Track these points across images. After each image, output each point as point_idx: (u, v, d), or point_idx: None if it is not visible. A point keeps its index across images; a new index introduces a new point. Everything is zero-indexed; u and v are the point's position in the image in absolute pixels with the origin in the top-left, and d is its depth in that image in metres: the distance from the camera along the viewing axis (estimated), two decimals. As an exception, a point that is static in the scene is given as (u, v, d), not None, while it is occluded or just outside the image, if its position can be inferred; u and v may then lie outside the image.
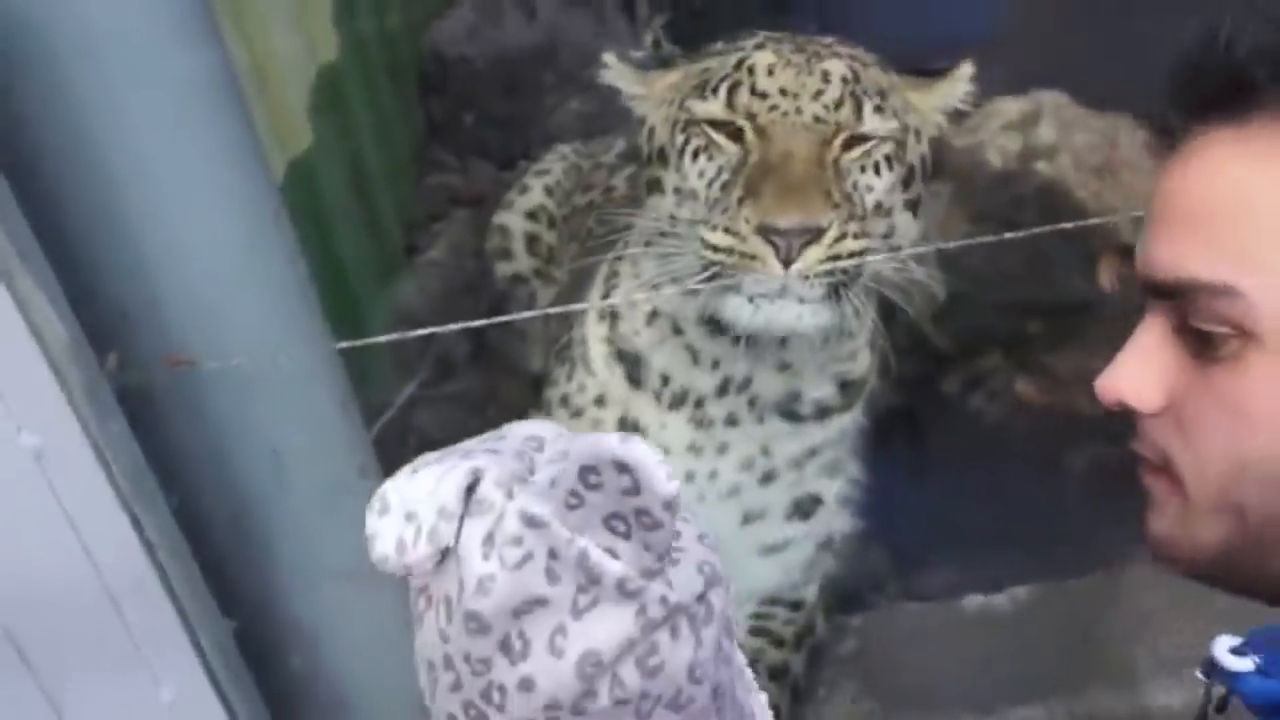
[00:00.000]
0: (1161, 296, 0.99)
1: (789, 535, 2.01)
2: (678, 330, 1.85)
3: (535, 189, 2.83)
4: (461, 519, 0.97)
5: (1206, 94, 0.95)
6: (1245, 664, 0.95)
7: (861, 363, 1.98)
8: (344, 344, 1.63)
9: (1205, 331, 0.95)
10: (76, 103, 1.34)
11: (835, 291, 1.60)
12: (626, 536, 0.94)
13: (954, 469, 2.59)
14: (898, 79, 1.77)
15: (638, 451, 0.93)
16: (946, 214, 3.05)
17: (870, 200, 1.66)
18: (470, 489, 0.99)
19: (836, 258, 1.57)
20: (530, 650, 0.93)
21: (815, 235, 1.55)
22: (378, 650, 1.75)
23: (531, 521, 0.92)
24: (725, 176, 1.65)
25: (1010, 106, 3.19)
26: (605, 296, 1.98)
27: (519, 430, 1.07)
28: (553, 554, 0.92)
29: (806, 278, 1.57)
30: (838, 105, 1.66)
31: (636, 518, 0.94)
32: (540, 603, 0.93)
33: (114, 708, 1.44)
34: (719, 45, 1.80)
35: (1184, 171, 0.97)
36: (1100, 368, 1.04)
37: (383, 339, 1.69)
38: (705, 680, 1.01)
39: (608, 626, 0.93)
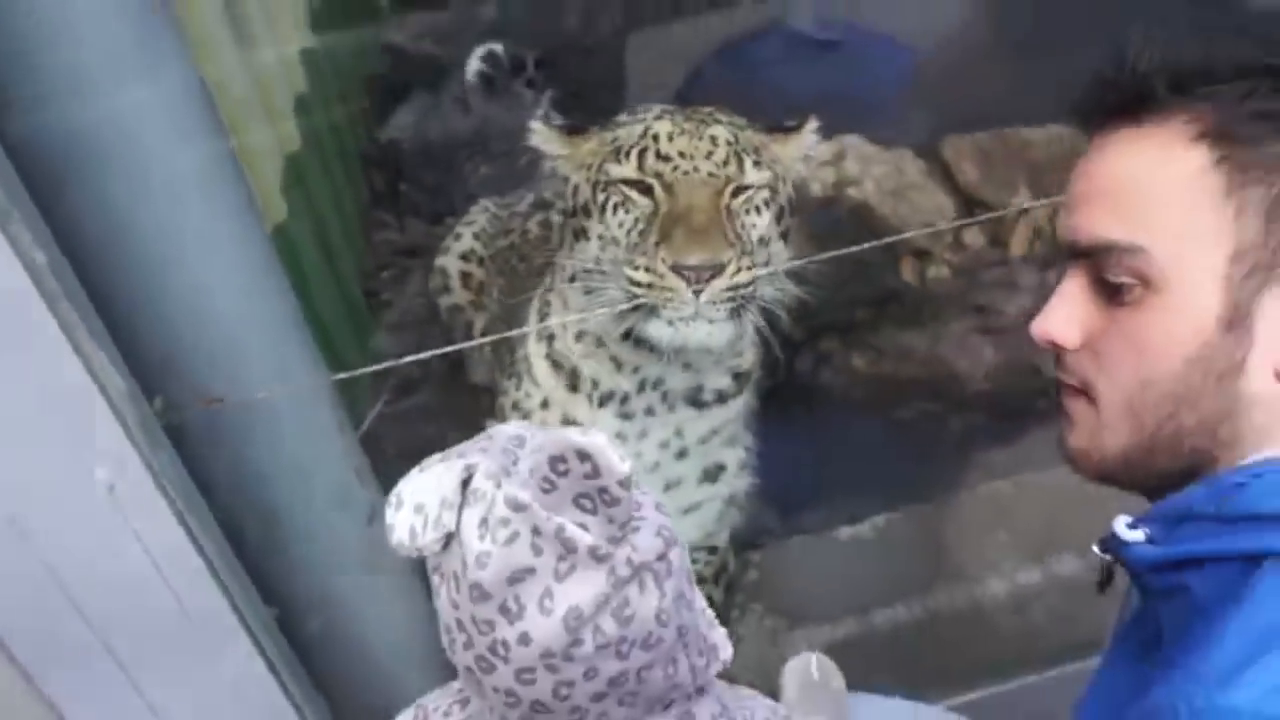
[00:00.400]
0: (1080, 256, 1.01)
1: (702, 497, 2.00)
2: (602, 344, 1.84)
3: (466, 236, 2.79)
4: (460, 508, 0.97)
5: (1116, 101, 0.98)
6: (1138, 535, 0.97)
7: (749, 357, 1.99)
8: (340, 375, 1.60)
9: (1115, 282, 0.97)
10: (120, 196, 1.30)
11: (736, 311, 1.62)
12: (593, 512, 0.94)
13: (815, 430, 2.60)
14: (765, 136, 1.77)
15: (594, 441, 0.93)
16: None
17: (755, 236, 1.67)
18: (466, 482, 0.97)
19: (735, 286, 1.58)
20: (525, 611, 0.94)
21: (718, 270, 1.56)
22: (393, 619, 1.72)
23: (516, 505, 0.93)
24: (641, 225, 1.65)
25: (823, 148, 3.22)
26: (542, 322, 1.96)
27: (504, 431, 1.06)
28: (535, 531, 0.93)
29: (714, 303, 1.58)
30: (725, 163, 1.66)
31: (600, 495, 0.94)
32: (529, 571, 0.93)
33: (186, 687, 1.39)
34: (624, 116, 1.78)
35: (1098, 160, 1.00)
36: (910, 343, 1.07)
37: (370, 369, 1.66)
38: (671, 623, 1.01)
39: (585, 587, 0.94)
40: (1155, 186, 0.95)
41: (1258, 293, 0.92)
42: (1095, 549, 1.04)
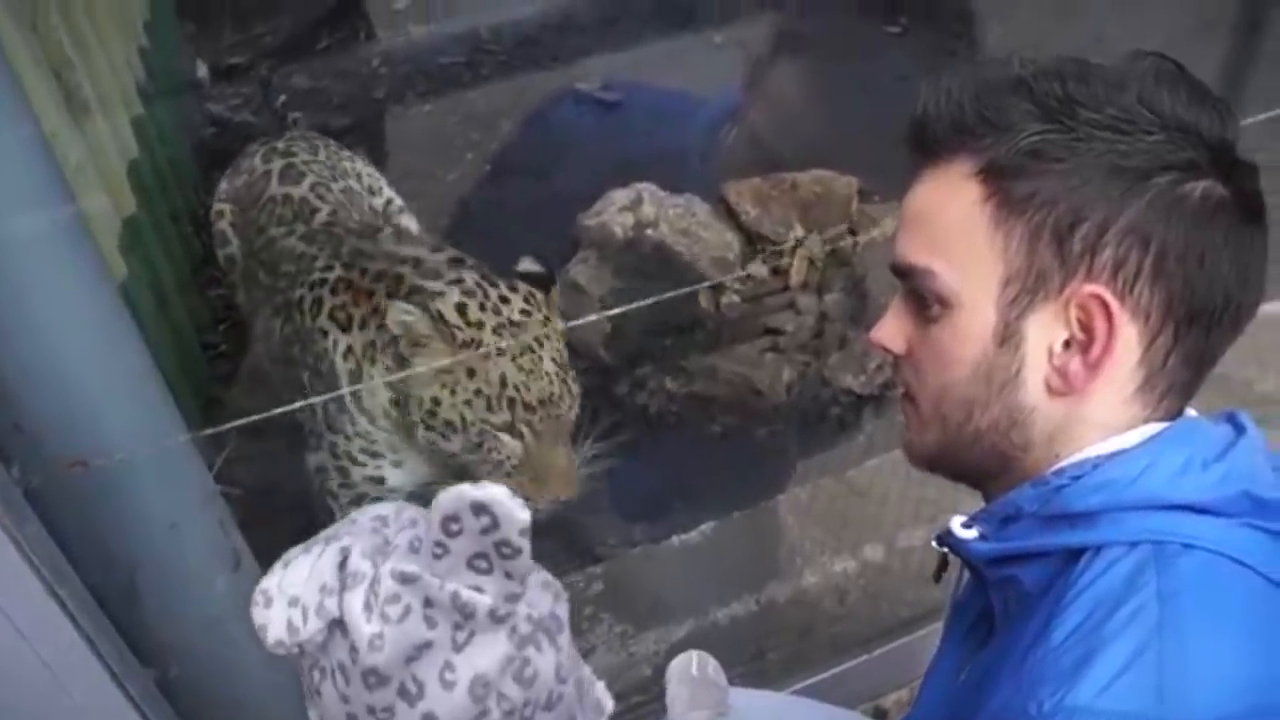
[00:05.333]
0: (900, 276, 1.01)
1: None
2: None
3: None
4: (341, 592, 0.82)
5: (920, 140, 0.97)
6: (972, 533, 0.98)
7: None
8: (207, 431, 1.41)
9: (923, 299, 0.97)
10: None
11: None
12: (489, 571, 0.80)
13: (638, 450, 2.52)
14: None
15: (491, 492, 0.79)
16: (598, 272, 3.00)
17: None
18: (342, 565, 0.83)
19: None
20: (425, 689, 0.80)
21: None
22: (263, 663, 1.52)
23: (404, 578, 0.79)
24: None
25: (620, 194, 3.18)
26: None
27: (367, 513, 0.90)
28: (428, 602, 0.79)
29: None
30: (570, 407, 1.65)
31: (497, 550, 0.79)
32: (426, 646, 0.80)
33: (64, 763, 1.17)
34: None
35: (912, 192, 0.99)
36: (715, 364, 1.04)
37: (234, 424, 1.49)
38: (569, 679, 0.88)
39: (487, 652, 0.81)
40: (943, 217, 0.95)
41: (1024, 315, 0.92)
42: (933, 543, 1.05)
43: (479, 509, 0.78)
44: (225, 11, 3.64)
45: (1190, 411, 0.97)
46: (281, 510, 2.39)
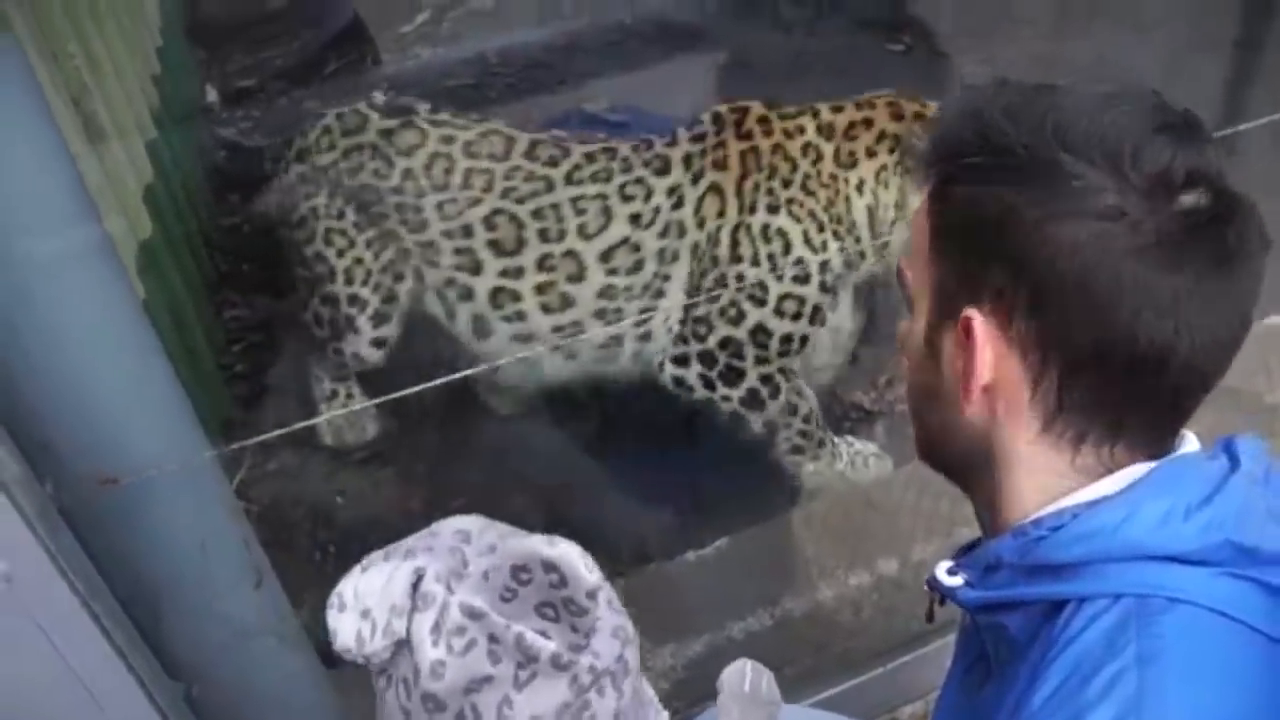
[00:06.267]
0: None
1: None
2: None
3: None
4: (410, 613, 0.84)
5: (919, 164, 0.97)
6: (957, 580, 0.96)
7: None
8: (233, 446, 1.43)
9: (908, 298, 1.01)
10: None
11: None
12: (556, 620, 0.83)
13: (651, 465, 2.53)
14: None
15: (564, 552, 0.81)
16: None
17: None
18: (415, 585, 0.84)
19: None
20: None
21: None
22: (285, 677, 1.54)
23: (472, 613, 0.81)
24: None
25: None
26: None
27: (448, 526, 0.92)
28: (493, 639, 0.81)
29: None
30: None
31: (564, 605, 0.83)
32: (486, 680, 0.82)
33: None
34: None
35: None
36: None
37: (252, 441, 1.51)
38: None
39: (546, 695, 0.83)
40: (915, 228, 0.98)
41: (940, 328, 0.94)
42: (925, 586, 1.02)
43: (549, 566, 0.80)
44: (234, 37, 3.67)
45: (1189, 439, 0.94)
46: (300, 527, 2.42)
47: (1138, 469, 0.89)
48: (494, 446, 2.58)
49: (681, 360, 2.18)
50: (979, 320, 0.88)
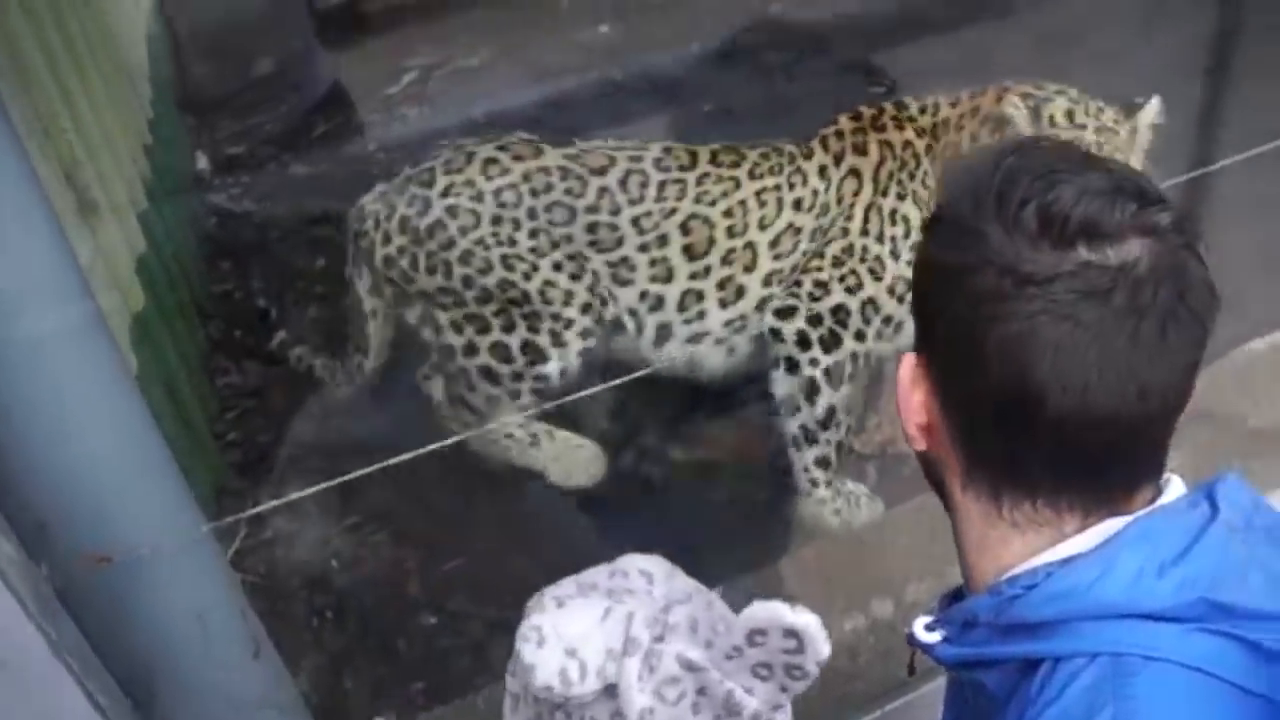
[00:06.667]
0: None
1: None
2: None
3: None
4: (621, 658, 0.85)
5: None
6: (935, 637, 0.97)
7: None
8: (229, 519, 1.45)
9: None
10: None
11: None
12: (767, 679, 0.84)
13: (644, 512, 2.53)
14: None
15: (808, 621, 0.82)
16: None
17: None
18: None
19: None
20: None
21: None
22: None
23: (690, 666, 0.83)
24: None
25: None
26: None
27: (632, 565, 0.94)
28: (701, 691, 0.83)
29: None
30: None
31: (787, 670, 0.83)
32: None
33: None
34: None
35: None
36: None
37: (247, 514, 1.52)
38: None
39: None
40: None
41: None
42: (907, 641, 1.03)
43: (789, 633, 0.81)
44: (222, 104, 3.71)
45: (1174, 484, 0.93)
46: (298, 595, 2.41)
47: (1113, 524, 0.89)
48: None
49: (786, 313, 2.28)
50: (910, 364, 0.94)
